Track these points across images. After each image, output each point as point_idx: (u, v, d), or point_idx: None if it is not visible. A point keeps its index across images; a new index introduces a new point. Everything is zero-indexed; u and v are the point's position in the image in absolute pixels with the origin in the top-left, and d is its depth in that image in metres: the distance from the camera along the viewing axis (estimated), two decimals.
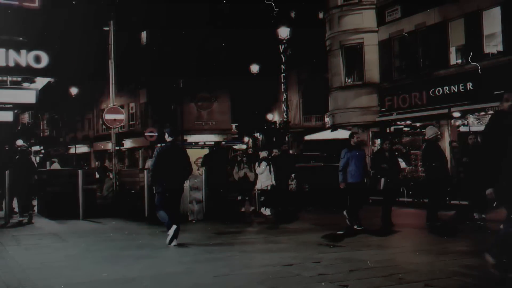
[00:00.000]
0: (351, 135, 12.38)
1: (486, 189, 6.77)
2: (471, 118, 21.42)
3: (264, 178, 15.54)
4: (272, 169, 15.58)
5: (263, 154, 16.04)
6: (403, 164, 21.00)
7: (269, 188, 15.52)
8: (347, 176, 11.88)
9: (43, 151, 57.88)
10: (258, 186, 15.65)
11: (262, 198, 15.77)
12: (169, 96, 44.11)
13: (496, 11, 20.37)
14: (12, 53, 16.47)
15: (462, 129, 22.14)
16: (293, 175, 16.26)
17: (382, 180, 12.29)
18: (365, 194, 12.60)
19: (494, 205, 9.97)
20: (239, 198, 19.46)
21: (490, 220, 12.22)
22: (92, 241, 10.88)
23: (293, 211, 15.43)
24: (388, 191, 12.44)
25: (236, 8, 42.11)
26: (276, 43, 31.66)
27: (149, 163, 20.86)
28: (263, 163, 15.56)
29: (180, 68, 41.49)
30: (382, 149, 12.92)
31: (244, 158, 16.46)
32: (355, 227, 11.88)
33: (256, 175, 15.83)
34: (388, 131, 25.58)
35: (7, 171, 14.17)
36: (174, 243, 10.06)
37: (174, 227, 10.07)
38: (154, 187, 10.49)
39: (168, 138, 10.71)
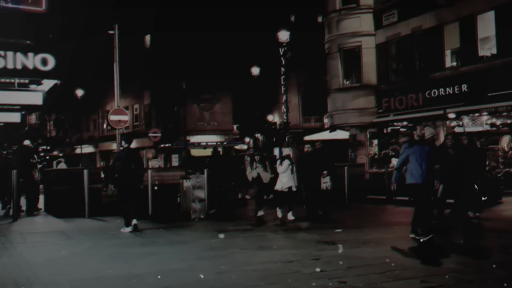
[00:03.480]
0: (414, 128, 10.26)
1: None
2: (465, 119, 21.43)
3: (286, 178, 13.61)
4: (294, 169, 13.65)
5: (286, 151, 14.07)
6: None
7: (293, 189, 13.69)
8: (406, 176, 9.82)
9: (49, 150, 57.88)
10: (278, 187, 13.75)
11: (270, 196, 14.76)
12: (172, 98, 44.18)
13: (490, 15, 20.38)
14: (19, 56, 16.49)
15: (457, 129, 22.15)
16: (325, 171, 13.92)
17: (440, 185, 10.22)
18: (430, 198, 10.14)
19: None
20: (240, 196, 19.29)
21: (484, 218, 12.21)
22: (98, 239, 10.88)
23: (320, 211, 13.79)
24: (444, 198, 10.26)
25: (238, 12, 42.15)
26: (276, 46, 31.66)
27: (153, 163, 20.89)
28: (286, 162, 13.58)
29: (183, 71, 41.55)
30: (444, 145, 10.43)
31: (257, 157, 14.42)
32: (421, 239, 9.46)
33: (274, 176, 14.19)
34: (385, 131, 25.60)
35: (13, 171, 14.19)
36: (129, 229, 11.60)
37: (131, 226, 11.63)
38: (112, 184, 12.33)
39: (124, 145, 12.44)
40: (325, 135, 28.52)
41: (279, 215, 13.73)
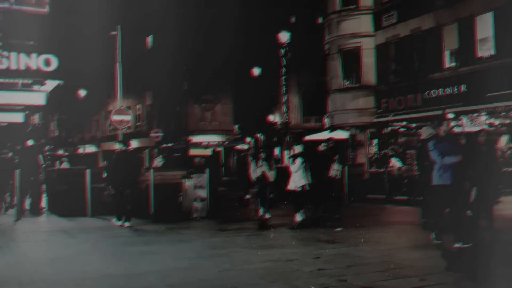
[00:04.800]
0: (439, 123, 9.26)
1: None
2: (464, 119, 21.42)
3: (298, 177, 12.71)
4: (307, 166, 12.76)
5: (298, 149, 13.09)
6: (398, 164, 21.02)
7: (306, 188, 12.72)
8: (433, 176, 8.92)
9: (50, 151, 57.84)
10: (292, 186, 12.80)
11: (271, 195, 14.03)
12: (174, 98, 44.15)
13: (488, 17, 20.36)
14: (23, 56, 16.51)
15: (455, 130, 22.14)
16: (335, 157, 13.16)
17: (473, 188, 8.95)
18: (457, 202, 8.95)
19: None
20: (247, 197, 19.08)
21: (482, 218, 12.20)
22: (100, 238, 10.89)
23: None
24: (479, 202, 9.15)
25: (238, 13, 42.13)
26: (277, 47, 31.69)
27: (156, 163, 20.89)
28: (298, 160, 12.71)
29: (185, 71, 41.52)
30: (477, 143, 9.35)
31: (262, 154, 13.80)
32: (458, 245, 8.63)
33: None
34: (384, 131, 25.59)
35: (17, 171, 14.21)
36: (127, 224, 12.34)
37: (123, 220, 12.41)
38: (109, 186, 12.94)
39: (122, 148, 13.17)
40: (325, 135, 28.51)
41: (299, 218, 12.66)
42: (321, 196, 13.25)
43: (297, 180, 12.74)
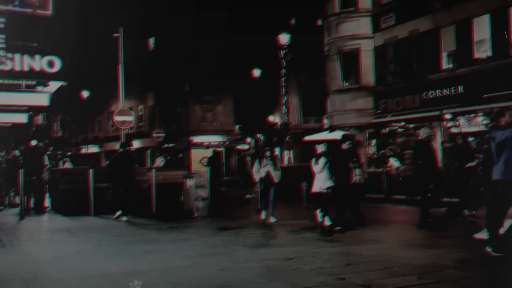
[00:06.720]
0: (500, 113, 8.24)
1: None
2: (461, 120, 21.42)
3: (323, 178, 11.93)
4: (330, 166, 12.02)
5: (321, 148, 12.22)
6: (396, 164, 21.03)
7: (330, 190, 11.89)
8: (494, 170, 7.82)
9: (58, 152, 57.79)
10: (316, 188, 12.02)
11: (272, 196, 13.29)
12: (175, 99, 44.16)
13: (486, 19, 20.37)
14: (26, 58, 16.51)
15: (453, 130, 22.15)
16: (356, 164, 12.15)
17: None
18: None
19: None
20: (247, 196, 19.04)
21: (479, 217, 12.21)
22: (102, 236, 10.89)
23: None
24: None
25: (239, 15, 42.16)
26: (277, 48, 31.68)
27: (157, 162, 20.97)
28: (322, 160, 11.91)
29: (186, 73, 41.52)
30: None
31: (267, 153, 13.18)
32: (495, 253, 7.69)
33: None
34: (382, 132, 25.60)
35: (20, 170, 14.23)
36: (125, 218, 13.27)
37: (125, 218, 13.32)
38: (109, 184, 13.86)
39: (120, 149, 13.99)
40: (325, 135, 28.53)
41: (321, 219, 12.02)
42: (348, 199, 12.26)
43: (322, 181, 11.98)
